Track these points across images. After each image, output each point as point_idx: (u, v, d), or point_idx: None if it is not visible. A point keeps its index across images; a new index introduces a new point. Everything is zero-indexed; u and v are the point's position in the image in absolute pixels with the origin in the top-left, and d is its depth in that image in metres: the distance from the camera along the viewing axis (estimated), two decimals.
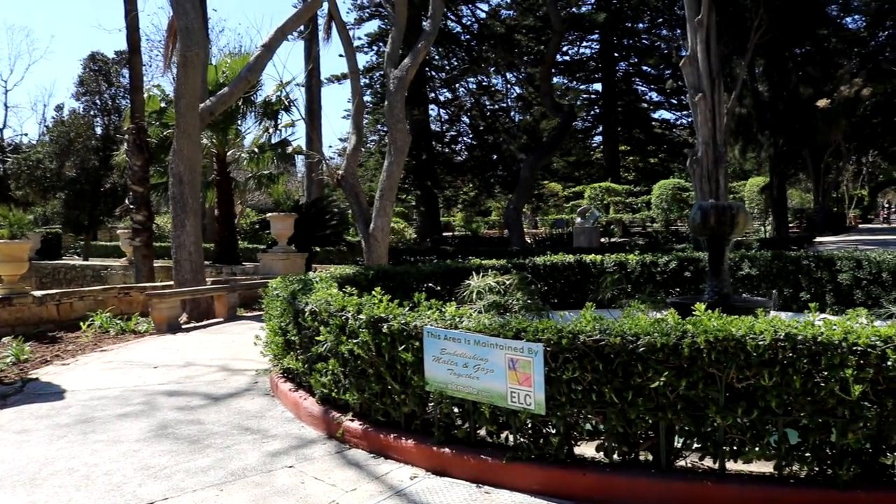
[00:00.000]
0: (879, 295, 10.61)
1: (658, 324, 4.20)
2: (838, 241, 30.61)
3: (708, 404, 4.10)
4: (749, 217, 9.23)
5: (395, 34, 15.56)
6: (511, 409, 4.50)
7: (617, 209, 40.21)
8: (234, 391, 7.32)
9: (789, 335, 3.99)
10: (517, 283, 8.55)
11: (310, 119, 30.47)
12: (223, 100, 14.22)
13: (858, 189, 59.78)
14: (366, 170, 40.33)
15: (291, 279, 7.57)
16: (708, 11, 23.35)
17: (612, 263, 12.50)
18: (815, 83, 39.51)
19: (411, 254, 25.18)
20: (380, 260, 14.11)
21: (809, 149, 38.66)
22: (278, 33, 14.77)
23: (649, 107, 48.78)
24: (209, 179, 20.64)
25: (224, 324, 12.74)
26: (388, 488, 4.55)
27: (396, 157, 14.53)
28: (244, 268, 19.67)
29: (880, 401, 3.93)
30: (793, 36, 31.38)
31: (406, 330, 4.91)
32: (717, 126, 23.56)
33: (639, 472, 4.31)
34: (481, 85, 44.47)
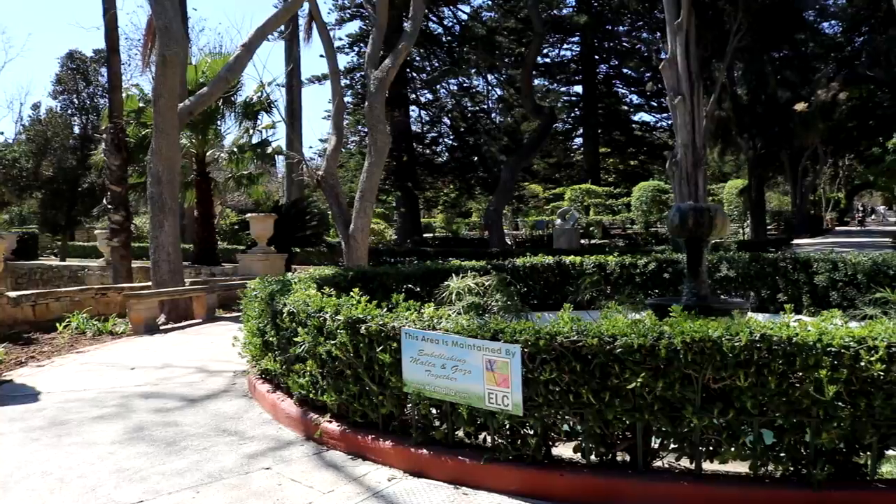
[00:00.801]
0: (855, 296, 10.71)
1: (635, 325, 4.21)
2: (815, 244, 30.92)
3: (685, 405, 4.12)
4: (727, 219, 9.27)
5: (375, 35, 15.52)
6: (489, 410, 4.50)
7: (597, 211, 40.34)
8: (211, 392, 7.27)
9: (765, 336, 4.01)
10: (496, 285, 8.55)
11: (290, 119, 30.37)
12: (202, 100, 14.14)
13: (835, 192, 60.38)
14: (346, 171, 40.26)
15: (270, 280, 7.53)
16: (687, 15, 23.51)
17: (592, 265, 12.53)
18: (792, 87, 39.88)
19: (391, 255, 25.14)
20: (360, 261, 14.07)
21: (787, 152, 39.03)
22: (258, 33, 14.70)
23: (629, 109, 49.10)
24: (188, 179, 20.50)
25: (202, 325, 12.66)
26: (366, 490, 4.54)
27: (377, 158, 14.49)
28: (223, 268, 19.57)
29: (853, 401, 3.97)
30: (771, 40, 31.66)
31: (384, 331, 4.89)
32: (697, 128, 23.72)
33: (616, 473, 4.33)
34: (462, 86, 44.52)
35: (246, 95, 20.86)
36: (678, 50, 23.61)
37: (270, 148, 22.28)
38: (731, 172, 56.87)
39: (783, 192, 55.31)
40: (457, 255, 18.95)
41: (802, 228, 40.47)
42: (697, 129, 23.82)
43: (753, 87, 37.59)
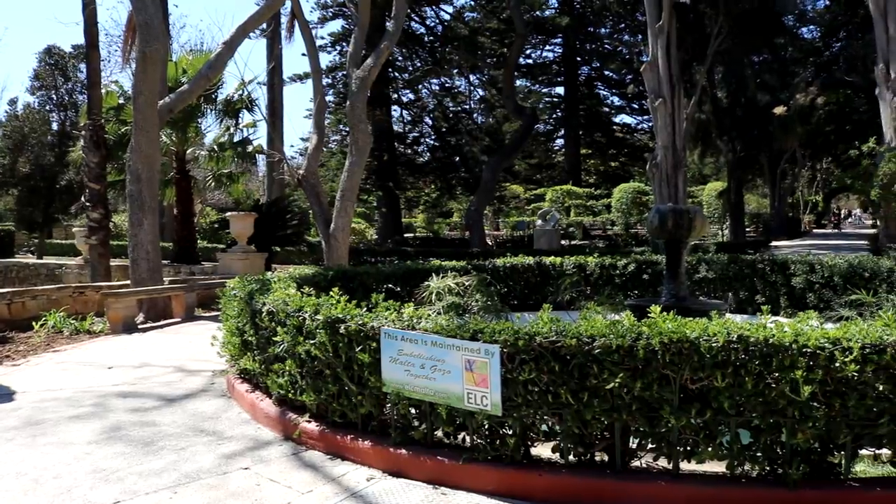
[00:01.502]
0: (831, 298, 10.83)
1: (614, 326, 4.23)
2: (793, 246, 31.18)
3: (662, 405, 4.14)
4: (706, 221, 9.35)
5: (357, 34, 15.50)
6: (468, 410, 4.50)
7: (578, 212, 40.49)
8: (189, 392, 7.23)
9: (742, 337, 4.05)
10: (476, 285, 8.56)
11: (271, 118, 30.26)
12: (183, 97, 14.05)
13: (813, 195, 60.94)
14: (327, 170, 40.14)
15: (249, 279, 7.50)
16: (668, 18, 23.66)
17: (572, 265, 12.59)
18: (772, 91, 40.20)
19: (372, 254, 25.10)
20: (340, 260, 14.04)
21: (766, 155, 39.36)
22: (240, 31, 14.63)
23: (611, 111, 49.37)
24: (168, 177, 20.37)
25: (181, 324, 12.59)
26: (345, 490, 4.53)
27: (358, 157, 14.47)
28: (203, 267, 19.45)
29: (828, 401, 4.02)
30: (751, 44, 31.92)
31: (363, 331, 4.88)
32: (677, 131, 23.87)
33: (594, 473, 4.34)
34: (444, 86, 44.53)
35: (227, 93, 20.76)
36: (659, 52, 23.77)
37: (251, 146, 22.18)
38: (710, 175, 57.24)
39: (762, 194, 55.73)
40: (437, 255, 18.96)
41: (781, 230, 40.81)
42: (678, 131, 23.98)
43: (733, 91, 37.90)
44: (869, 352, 3.95)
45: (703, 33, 29.18)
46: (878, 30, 22.42)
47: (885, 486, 4.09)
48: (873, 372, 3.94)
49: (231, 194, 25.54)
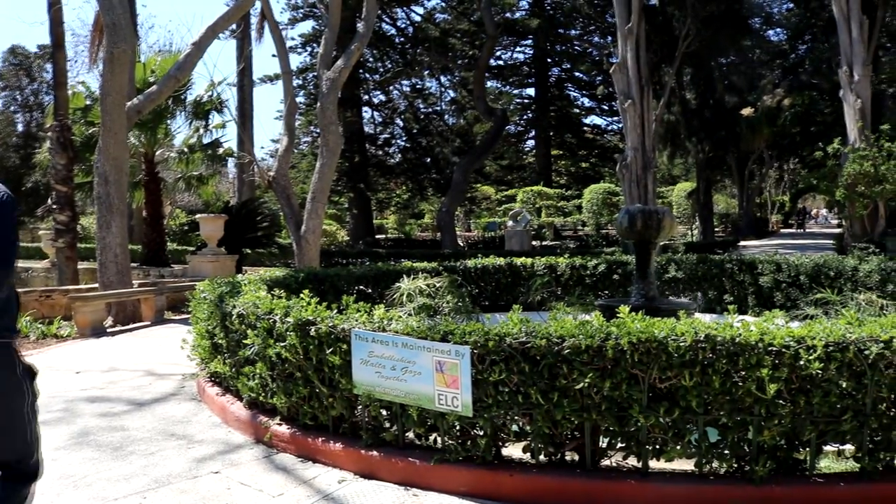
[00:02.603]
0: (797, 297, 10.99)
1: (583, 326, 4.26)
2: (761, 245, 31.56)
3: (631, 404, 4.18)
4: (675, 221, 9.45)
5: (328, 35, 15.47)
6: (439, 411, 4.51)
7: (549, 213, 40.69)
8: (159, 396, 7.17)
9: (709, 336, 4.10)
10: (447, 286, 8.58)
11: (241, 119, 30.10)
12: (151, 98, 13.94)
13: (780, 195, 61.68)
14: (298, 171, 39.99)
15: (219, 281, 7.46)
16: (638, 20, 23.87)
17: (543, 266, 12.65)
18: (739, 92, 40.73)
19: (343, 256, 25.05)
20: (311, 262, 14.00)
21: (734, 155, 39.81)
22: (209, 31, 14.54)
23: (581, 112, 49.62)
24: (137, 179, 20.17)
25: (151, 327, 12.48)
26: (316, 492, 4.52)
27: (329, 158, 14.44)
28: (173, 270, 19.28)
29: (794, 399, 4.09)
30: (719, 46, 32.29)
31: (334, 333, 4.88)
32: (646, 132, 24.09)
33: (565, 472, 4.37)
34: (415, 88, 44.55)
35: (196, 94, 20.60)
36: (629, 54, 23.97)
37: (221, 148, 22.04)
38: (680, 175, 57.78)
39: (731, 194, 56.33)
40: (409, 256, 18.97)
41: (749, 230, 41.28)
42: (647, 132, 24.20)
43: (702, 92, 38.31)
44: (832, 350, 4.02)
45: (672, 35, 29.52)
46: (841, 33, 22.79)
47: (849, 480, 4.17)
48: (837, 369, 4.01)
49: (201, 196, 25.36)
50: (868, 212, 21.75)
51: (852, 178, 21.07)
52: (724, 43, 31.77)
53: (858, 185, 21.03)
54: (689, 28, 27.70)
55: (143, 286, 13.90)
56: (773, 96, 39.26)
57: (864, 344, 4.03)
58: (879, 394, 4.08)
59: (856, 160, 20.99)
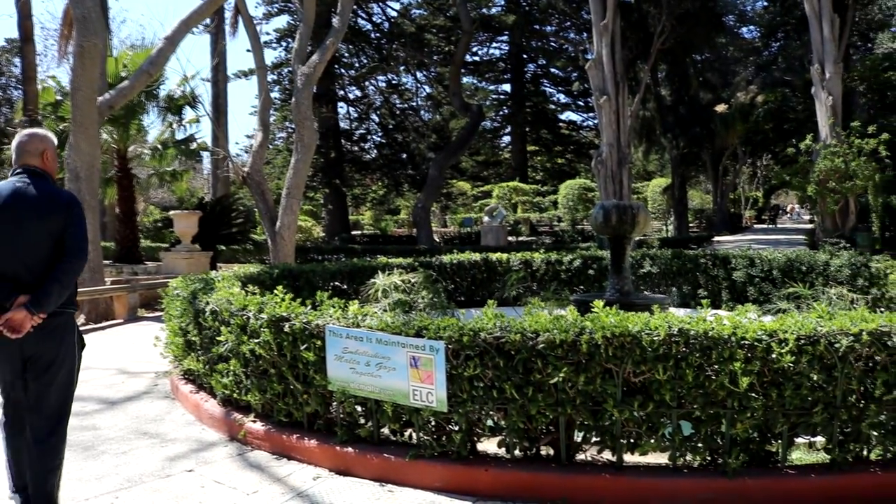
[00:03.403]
0: (770, 291, 11.09)
1: (557, 321, 4.27)
2: (735, 241, 31.85)
3: (606, 399, 4.19)
4: (649, 216, 9.50)
5: (303, 30, 15.37)
6: (414, 407, 4.50)
7: (525, 208, 40.82)
8: (132, 394, 7.11)
9: (682, 331, 4.12)
10: (423, 282, 8.58)
11: (215, 115, 29.85)
12: (123, 93, 13.78)
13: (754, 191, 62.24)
14: (273, 167, 39.73)
15: (192, 278, 7.40)
16: (613, 17, 23.96)
17: (518, 262, 12.67)
18: (713, 89, 41.07)
19: (319, 252, 24.97)
20: (286, 258, 13.92)
21: (709, 151, 40.13)
22: (182, 26, 14.40)
23: (557, 108, 49.73)
24: (109, 176, 19.94)
25: (124, 325, 12.36)
26: (291, 490, 4.50)
27: (304, 154, 14.36)
28: (146, 267, 19.10)
29: (766, 392, 4.12)
30: (693, 43, 32.50)
31: (308, 329, 4.85)
32: (621, 128, 24.20)
33: (540, 467, 4.38)
34: (391, 83, 44.40)
35: (169, 89, 20.39)
36: (604, 51, 24.06)
37: (195, 144, 21.86)
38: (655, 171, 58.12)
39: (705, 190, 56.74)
40: (385, 252, 18.90)
41: (723, 226, 41.64)
42: (622, 128, 24.31)
43: (676, 89, 38.59)
44: (804, 343, 4.06)
45: (647, 32, 29.66)
46: (813, 31, 23.03)
47: (819, 472, 4.21)
48: (808, 362, 4.05)
49: (175, 192, 25.15)
50: (839, 207, 22.01)
51: (824, 174, 21.32)
52: (698, 40, 32.00)
53: (830, 181, 21.28)
54: (664, 25, 27.86)
55: (115, 283, 13.77)
56: (747, 93, 39.67)
57: (834, 337, 4.07)
58: (849, 386, 4.12)
59: (827, 156, 21.23)
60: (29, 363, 3.71)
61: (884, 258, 10.87)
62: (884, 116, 29.20)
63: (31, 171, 3.82)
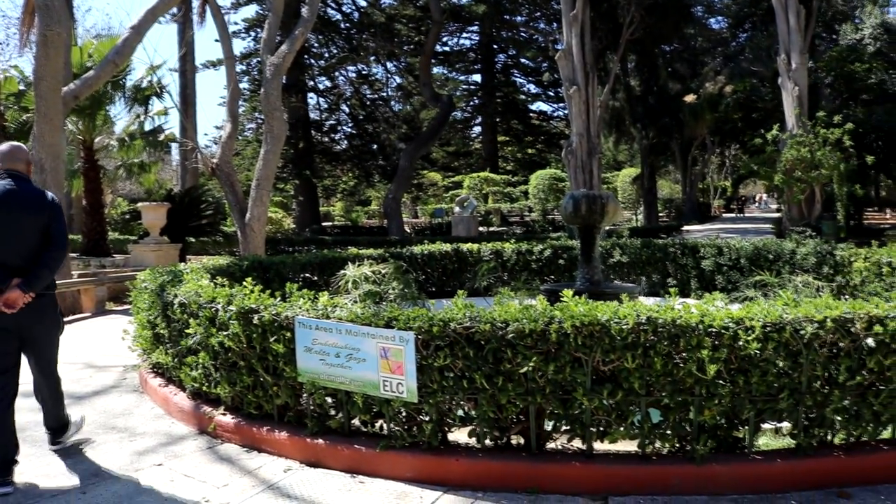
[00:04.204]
0: (738, 280, 11.22)
1: (527, 310, 4.28)
2: (704, 230, 32.15)
3: (575, 387, 4.22)
4: (619, 206, 9.56)
5: (272, 20, 15.24)
6: (384, 397, 4.50)
7: (495, 199, 40.85)
8: (99, 389, 7.03)
9: (651, 319, 4.15)
10: (393, 273, 8.56)
11: (184, 106, 29.52)
12: (89, 83, 13.57)
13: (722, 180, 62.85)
14: (243, 158, 39.41)
15: (161, 270, 7.32)
16: (582, 7, 24.02)
17: (489, 252, 12.70)
18: (682, 79, 41.36)
19: (289, 244, 24.83)
20: (256, 250, 13.83)
21: (678, 141, 40.43)
22: (149, 15, 14.21)
23: (527, 98, 49.89)
24: (75, 168, 19.67)
25: (91, 318, 12.21)
26: (261, 482, 4.48)
27: (273, 145, 14.26)
28: (114, 260, 18.88)
29: (733, 379, 4.17)
30: (662, 34, 32.70)
31: (277, 320, 4.82)
32: (591, 118, 24.29)
33: (510, 456, 4.40)
34: (361, 74, 44.18)
35: (136, 79, 20.11)
36: (574, 41, 24.12)
37: (163, 135, 21.59)
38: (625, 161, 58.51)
39: (674, 180, 57.18)
40: (356, 243, 18.88)
41: (692, 215, 42.00)
42: (592, 118, 24.40)
43: (646, 79, 38.79)
44: (770, 330, 4.11)
45: (616, 23, 29.79)
46: (779, 22, 23.29)
47: (785, 457, 4.27)
48: (774, 349, 4.11)
49: (143, 184, 24.85)
50: (805, 196, 22.31)
51: (790, 163, 21.60)
52: (667, 30, 32.20)
53: (796, 170, 21.57)
54: (633, 16, 28.00)
55: (82, 277, 13.61)
56: (715, 83, 40.00)
57: (799, 324, 4.13)
58: (814, 372, 4.19)
59: (793, 146, 21.51)
60: (23, 332, 4.57)
61: (848, 246, 11.03)
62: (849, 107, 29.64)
63: (16, 175, 4.67)
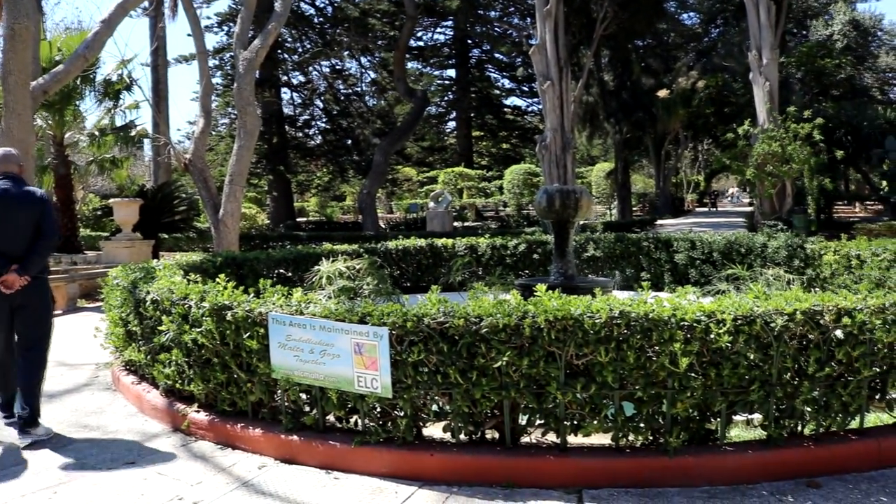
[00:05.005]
0: (711, 273, 11.32)
1: (500, 305, 4.29)
2: (677, 224, 32.38)
3: (549, 381, 4.24)
4: (592, 201, 9.62)
5: (244, 14, 15.11)
6: (358, 393, 4.49)
7: (470, 194, 40.92)
8: (71, 387, 6.96)
9: (623, 313, 4.18)
10: (368, 268, 8.54)
11: (156, 101, 29.21)
12: (58, 78, 13.37)
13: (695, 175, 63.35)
14: (216, 154, 39.10)
15: (133, 267, 7.26)
16: (556, 2, 24.04)
17: (464, 247, 12.71)
18: (655, 74, 41.62)
19: (264, 240, 24.71)
20: (230, 246, 13.72)
21: (651, 136, 40.71)
22: (119, 8, 14.01)
23: (501, 93, 49.93)
24: (45, 163, 19.41)
25: (63, 316, 12.07)
26: (235, 479, 4.46)
27: (246, 140, 14.15)
28: (86, 257, 18.67)
29: (705, 371, 4.21)
30: (635, 29, 32.86)
31: (251, 317, 4.80)
32: (565, 113, 24.34)
33: (485, 450, 4.41)
34: (335, 68, 43.98)
35: (106, 74, 19.85)
36: (547, 36, 24.14)
37: (135, 130, 21.32)
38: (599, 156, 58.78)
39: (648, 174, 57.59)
40: (331, 239, 18.76)
41: (666, 209, 42.32)
42: (566, 113, 24.45)
43: (619, 74, 39.00)
44: (740, 323, 4.16)
45: (590, 18, 29.90)
46: (751, 18, 23.51)
47: (757, 448, 4.33)
48: (745, 342, 4.16)
49: (115, 180, 24.53)
50: (776, 190, 22.56)
51: (761, 158, 21.82)
52: (640, 26, 32.35)
53: (767, 164, 21.79)
54: (607, 11, 28.10)
55: (54, 274, 13.42)
56: (688, 78, 40.30)
57: (769, 317, 4.19)
58: (784, 364, 4.25)
59: (765, 141, 21.72)
60: (17, 311, 5.30)
61: (818, 239, 11.17)
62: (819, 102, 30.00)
63: (10, 176, 5.39)
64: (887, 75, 40.41)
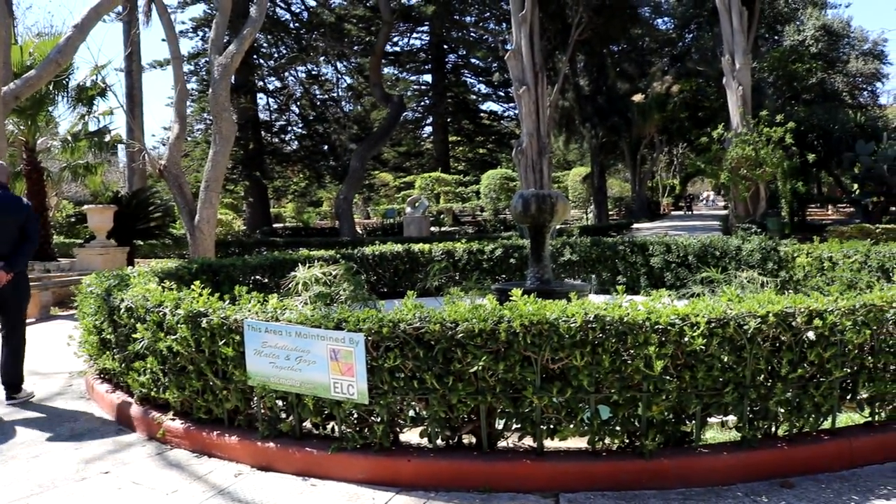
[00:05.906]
0: (686, 276, 11.42)
1: (476, 310, 4.29)
2: (653, 227, 32.59)
3: (525, 386, 4.25)
4: (568, 205, 9.65)
5: (220, 19, 15.05)
6: (335, 399, 4.48)
7: (447, 198, 40.95)
8: (45, 396, 6.87)
9: (598, 317, 4.20)
10: (344, 274, 8.53)
11: (130, 106, 28.95)
12: (30, 83, 13.24)
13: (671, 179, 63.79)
14: (192, 160, 38.83)
15: (107, 274, 7.19)
16: (531, 8, 24.18)
17: (441, 252, 12.73)
18: (631, 79, 41.92)
19: (240, 246, 24.57)
20: (206, 253, 13.64)
21: (627, 140, 40.98)
22: (92, 13, 13.90)
23: (478, 98, 50.05)
24: (17, 170, 19.19)
25: (36, 324, 11.93)
26: (211, 488, 4.43)
27: (222, 146, 14.08)
28: (59, 264, 18.46)
29: (680, 374, 4.25)
30: (610, 34, 33.07)
31: (226, 324, 4.77)
32: (541, 118, 24.46)
33: (462, 455, 4.42)
34: (311, 74, 43.85)
35: (80, 80, 19.68)
36: (523, 41, 24.27)
37: (109, 136, 21.15)
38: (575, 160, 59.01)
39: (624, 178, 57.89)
40: (307, 244, 18.73)
41: (642, 213, 42.60)
42: (542, 118, 24.58)
43: (595, 79, 39.22)
44: (714, 326, 4.20)
45: (565, 23, 30.06)
46: (724, 23, 23.75)
47: (731, 449, 4.37)
48: (718, 344, 4.20)
49: (89, 186, 24.35)
50: (750, 194, 22.79)
51: (735, 161, 22.04)
52: (615, 31, 32.57)
53: (741, 168, 22.01)
54: (582, 16, 28.28)
55: None
56: (663, 83, 40.58)
57: (743, 319, 4.23)
58: (758, 366, 4.30)
59: (738, 145, 21.95)
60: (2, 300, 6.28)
61: (791, 242, 11.30)
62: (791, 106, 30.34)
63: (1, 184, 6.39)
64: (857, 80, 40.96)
